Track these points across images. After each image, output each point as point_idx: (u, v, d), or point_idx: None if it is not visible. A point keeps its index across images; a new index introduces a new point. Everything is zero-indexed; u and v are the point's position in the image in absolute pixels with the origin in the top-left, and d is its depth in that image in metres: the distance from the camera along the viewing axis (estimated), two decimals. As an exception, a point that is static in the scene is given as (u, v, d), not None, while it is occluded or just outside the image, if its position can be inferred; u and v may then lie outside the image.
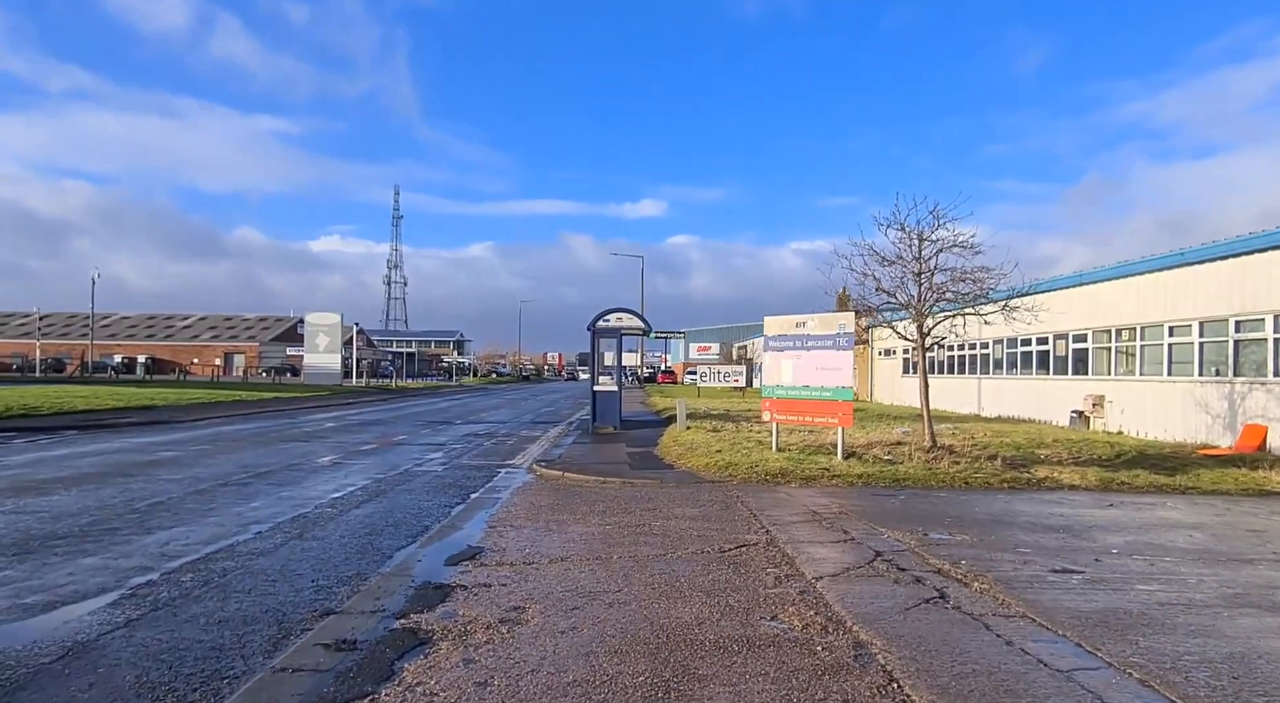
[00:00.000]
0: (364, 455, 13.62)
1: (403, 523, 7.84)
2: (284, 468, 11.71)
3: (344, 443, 15.68)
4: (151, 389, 36.07)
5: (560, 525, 7.63)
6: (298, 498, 9.14)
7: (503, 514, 8.30)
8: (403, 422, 22.32)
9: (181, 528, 7.31)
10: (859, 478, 10.16)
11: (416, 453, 14.18)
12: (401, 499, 9.24)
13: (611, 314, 18.64)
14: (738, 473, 10.56)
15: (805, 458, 11.37)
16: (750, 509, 8.25)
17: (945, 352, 29.17)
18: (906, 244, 13.26)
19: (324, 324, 48.88)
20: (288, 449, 14.31)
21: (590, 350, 18.90)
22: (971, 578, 5.41)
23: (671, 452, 13.34)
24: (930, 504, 8.71)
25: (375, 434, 17.89)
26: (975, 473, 10.41)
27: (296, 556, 6.38)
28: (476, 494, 9.74)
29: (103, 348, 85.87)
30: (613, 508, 8.54)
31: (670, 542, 6.78)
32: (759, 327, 53.78)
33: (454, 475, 11.37)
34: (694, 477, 10.72)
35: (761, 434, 15.54)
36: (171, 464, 11.81)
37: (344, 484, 10.25)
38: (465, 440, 16.79)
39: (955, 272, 12.85)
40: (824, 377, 11.53)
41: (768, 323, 12.51)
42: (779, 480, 10.16)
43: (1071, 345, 20.61)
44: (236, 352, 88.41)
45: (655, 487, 10.08)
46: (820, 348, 11.61)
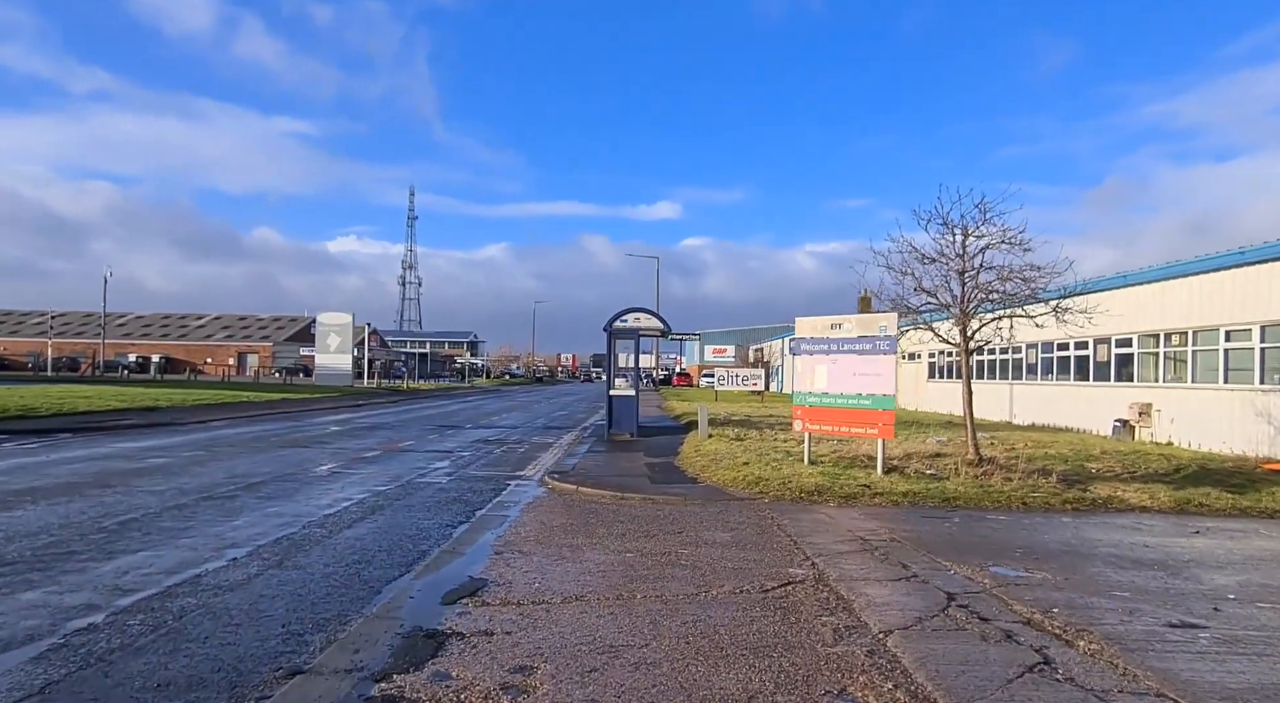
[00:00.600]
0: (365, 464, 12.78)
1: (398, 547, 6.97)
2: (277, 478, 10.88)
3: (346, 449, 14.86)
4: (159, 389, 35.53)
5: (575, 552, 6.73)
6: (286, 515, 8.29)
7: (511, 536, 7.41)
8: (410, 426, 21.51)
9: (148, 553, 6.46)
10: (904, 497, 9.19)
11: (421, 461, 13.33)
12: (400, 517, 8.37)
13: (629, 314, 17.74)
14: (769, 489, 9.62)
15: (841, 473, 10.41)
16: (789, 535, 7.30)
17: (975, 356, 28.07)
18: (949, 240, 12.30)
19: (335, 324, 48.30)
20: (285, 456, 13.50)
21: (607, 352, 18.00)
22: (1074, 634, 4.45)
23: (694, 463, 12.41)
24: (990, 529, 7.73)
25: (380, 440, 17.08)
26: (1032, 492, 9.41)
27: (271, 590, 5.51)
28: (483, 511, 8.85)
29: (117, 347, 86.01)
30: (634, 530, 7.63)
31: (702, 576, 5.86)
32: (775, 329, 52.82)
33: (459, 488, 10.49)
34: (721, 493, 9.79)
35: (789, 444, 14.59)
36: (158, 473, 11.00)
37: (339, 498, 9.39)
38: (474, 448, 15.94)
39: (1002, 270, 11.86)
40: (862, 383, 10.57)
41: (799, 324, 11.56)
42: (815, 499, 9.21)
43: (1114, 350, 19.50)
44: (250, 352, 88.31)
45: (679, 505, 9.15)
46: (858, 352, 10.65)
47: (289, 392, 38.86)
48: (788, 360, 62.90)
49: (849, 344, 10.77)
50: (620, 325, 17.68)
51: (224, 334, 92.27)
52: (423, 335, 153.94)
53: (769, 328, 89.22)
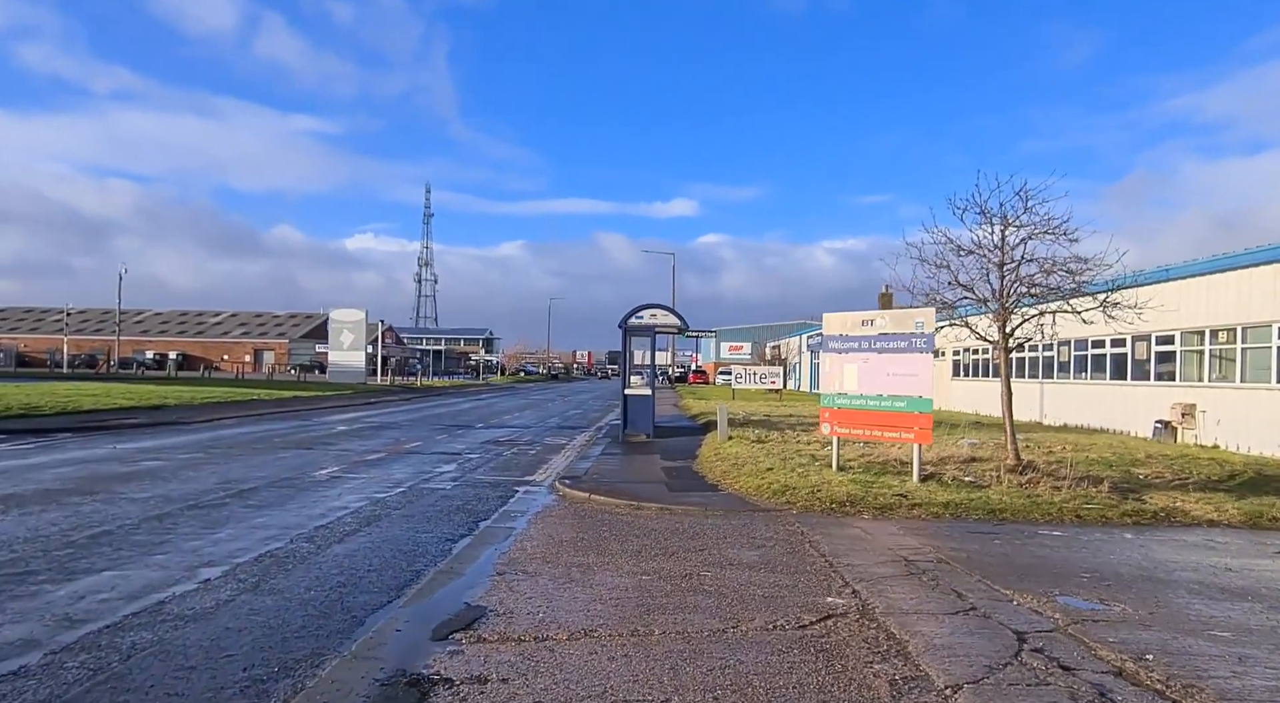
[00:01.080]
0: (368, 467, 12.16)
1: (390, 566, 6.31)
2: (272, 484, 10.27)
3: (350, 451, 14.26)
4: (171, 387, 35.26)
5: (585, 573, 6.04)
6: (274, 527, 7.66)
7: (515, 553, 6.73)
8: (420, 425, 20.93)
9: (113, 573, 5.84)
10: (945, 508, 8.42)
11: (427, 465, 12.69)
12: (397, 529, 7.71)
13: (645, 311, 17.03)
14: (797, 499, 8.88)
15: (874, 480, 9.65)
16: (823, 554, 6.57)
17: (980, 355, 27.11)
18: (988, 230, 11.49)
19: (348, 321, 47.95)
20: (286, 459, 12.92)
21: (621, 349, 17.30)
22: (1182, 692, 3.70)
23: (714, 468, 11.69)
24: (1046, 548, 6.96)
25: (387, 440, 16.48)
26: (1085, 503, 8.62)
27: (239, 621, 4.85)
28: (487, 523, 8.19)
29: (135, 344, 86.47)
30: (651, 547, 6.93)
31: (729, 606, 5.15)
32: (792, 326, 52.03)
33: (464, 495, 9.84)
34: (744, 503, 9.07)
35: (813, 447, 13.83)
36: (147, 478, 10.43)
37: (334, 507, 8.76)
38: (483, 449, 15.30)
39: (1046, 262, 11.04)
40: (897, 384, 9.80)
41: (827, 321, 10.80)
42: (848, 510, 8.46)
43: (1154, 347, 18.56)
44: (266, 349, 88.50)
45: (700, 516, 8.44)
46: (892, 350, 9.89)
47: (301, 389, 38.49)
48: (805, 358, 61.84)
49: (881, 342, 10.01)
50: (636, 322, 16.98)
51: (240, 331, 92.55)
52: (438, 332, 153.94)
53: (786, 325, 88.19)
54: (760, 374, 37.61)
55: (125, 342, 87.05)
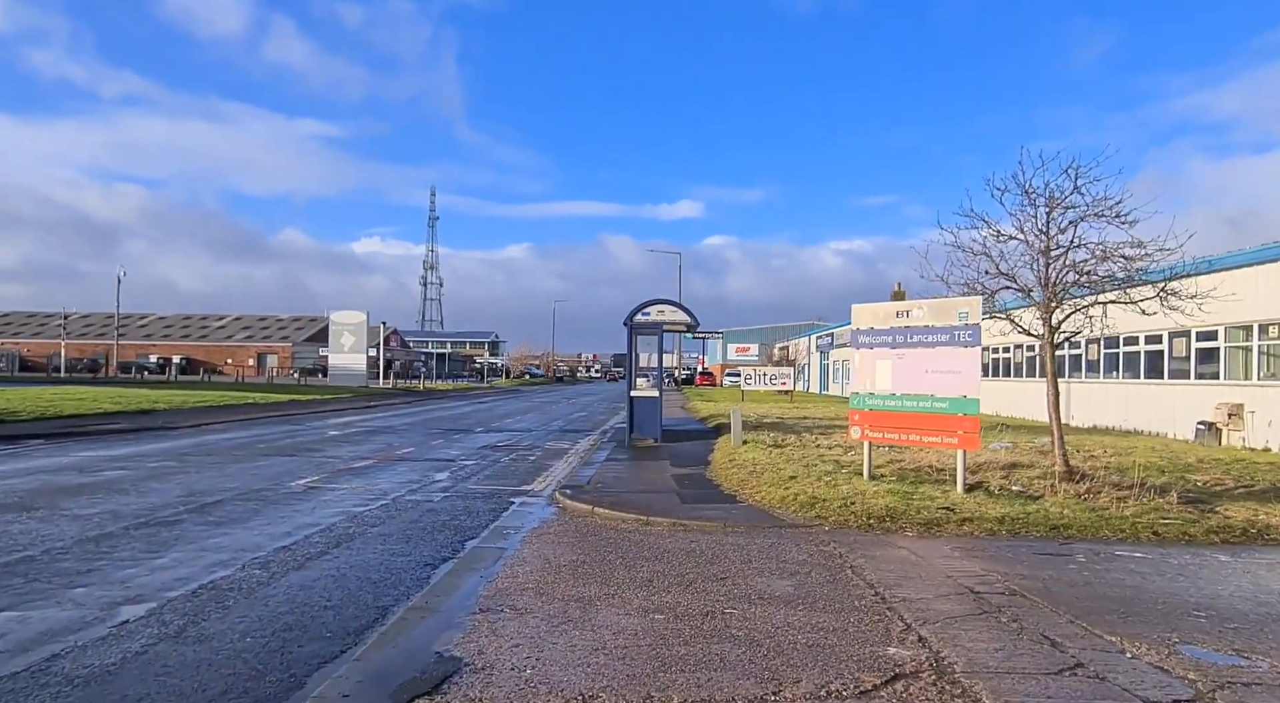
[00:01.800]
0: (352, 476, 11.13)
1: (352, 600, 5.26)
2: (241, 496, 9.25)
3: (336, 458, 13.24)
4: (167, 390, 34.37)
5: (586, 610, 4.98)
6: (228, 549, 6.63)
7: (504, 582, 5.68)
8: (416, 429, 19.91)
9: (10, 615, 4.80)
10: (999, 524, 7.34)
11: (417, 473, 11.66)
12: (369, 552, 6.67)
13: (652, 307, 15.98)
14: (828, 513, 7.80)
15: (912, 491, 8.56)
16: (869, 583, 5.50)
17: (1024, 352, 25.94)
18: (1030, 213, 10.41)
19: (349, 323, 47.02)
20: (264, 467, 11.90)
21: (627, 349, 16.25)
22: None
23: (730, 475, 10.62)
24: (1134, 575, 5.87)
25: (378, 446, 15.45)
26: (1162, 518, 7.50)
27: (143, 685, 3.81)
28: (475, 542, 7.14)
29: (138, 348, 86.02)
30: (663, 574, 5.87)
31: (765, 660, 4.08)
32: (800, 327, 50.84)
33: (453, 509, 8.80)
34: (768, 517, 8.00)
35: (836, 452, 12.75)
36: (102, 490, 9.42)
37: (303, 524, 7.72)
38: (480, 455, 14.26)
39: (1098, 247, 9.94)
40: (937, 382, 8.72)
41: (857, 312, 9.72)
42: (888, 526, 7.38)
43: (1195, 344, 17.40)
44: (269, 352, 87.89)
45: (719, 533, 7.37)
46: (931, 344, 8.81)
47: (299, 393, 37.56)
48: (814, 359, 60.66)
49: (919, 335, 8.93)
50: (642, 319, 15.93)
51: (244, 335, 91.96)
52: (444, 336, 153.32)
53: (794, 326, 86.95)
54: (770, 375, 36.50)
55: (129, 346, 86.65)
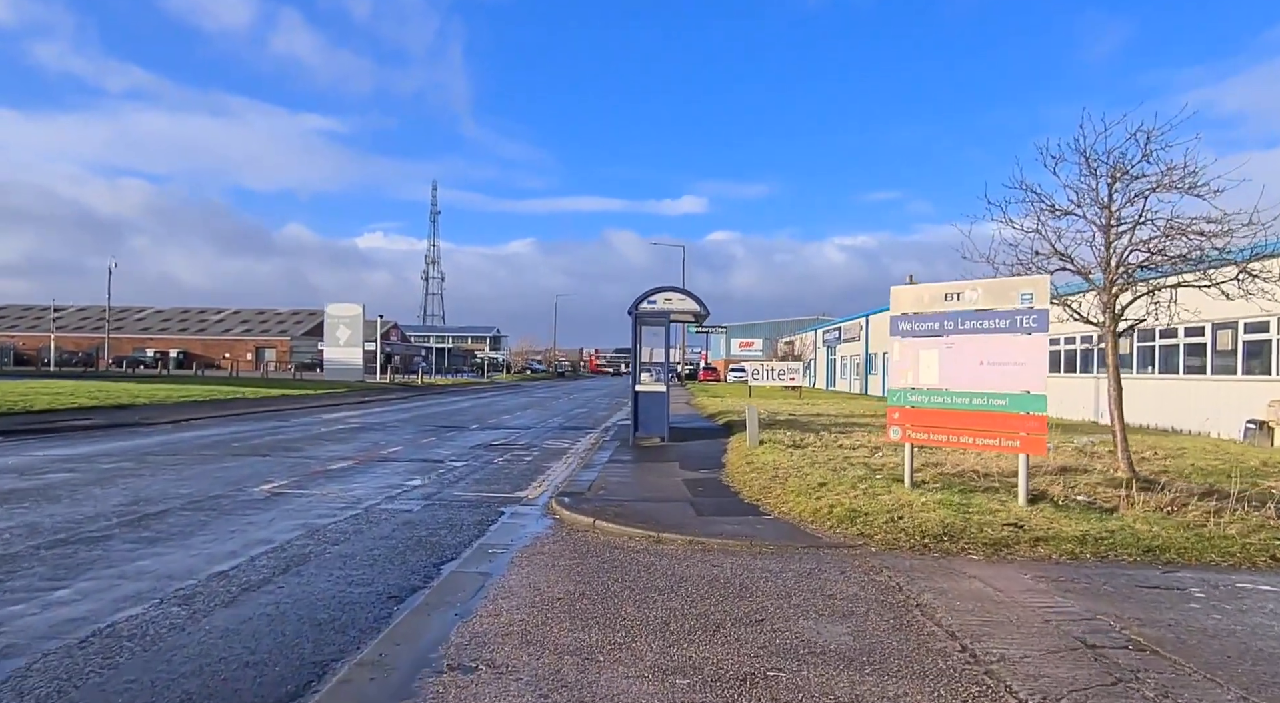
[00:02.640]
0: (326, 480, 9.96)
1: (281, 655, 4.08)
2: (192, 504, 8.08)
3: (313, 458, 12.06)
4: (155, 385, 33.25)
5: (584, 669, 3.80)
6: (152, 575, 5.46)
7: (483, 623, 4.51)
8: (408, 426, 18.73)
9: None
10: (1079, 544, 6.13)
11: (399, 476, 10.48)
12: (323, 580, 5.49)
13: (659, 295, 14.77)
14: (873, 530, 6.60)
15: (966, 502, 7.36)
16: (949, 630, 4.31)
17: (1062, 344, 24.70)
18: (1090, 185, 9.20)
19: (345, 316, 45.82)
20: (231, 469, 10.73)
21: (632, 340, 15.05)
22: None
23: (749, 481, 9.42)
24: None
25: (363, 445, 14.28)
26: (1275, 537, 6.30)
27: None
28: (453, 565, 5.97)
29: (135, 342, 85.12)
30: (683, 613, 4.68)
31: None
32: (804, 322, 49.44)
33: (433, 521, 7.61)
34: (800, 533, 6.80)
35: (862, 453, 11.56)
36: (30, 497, 8.24)
37: (253, 541, 6.55)
38: (472, 455, 13.08)
39: (1171, 222, 8.73)
40: (994, 376, 7.52)
41: (896, 296, 8.51)
42: (947, 547, 6.18)
43: (1243, 336, 16.17)
44: (268, 346, 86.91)
45: (745, 555, 6.18)
46: (988, 331, 7.60)
47: (293, 387, 36.40)
48: (821, 354, 59.39)
49: (973, 320, 7.72)
50: (648, 307, 14.73)
51: (242, 329, 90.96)
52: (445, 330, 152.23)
53: (798, 321, 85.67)
54: (778, 370, 35.29)
55: (125, 340, 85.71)
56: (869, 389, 45.19)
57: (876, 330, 44.57)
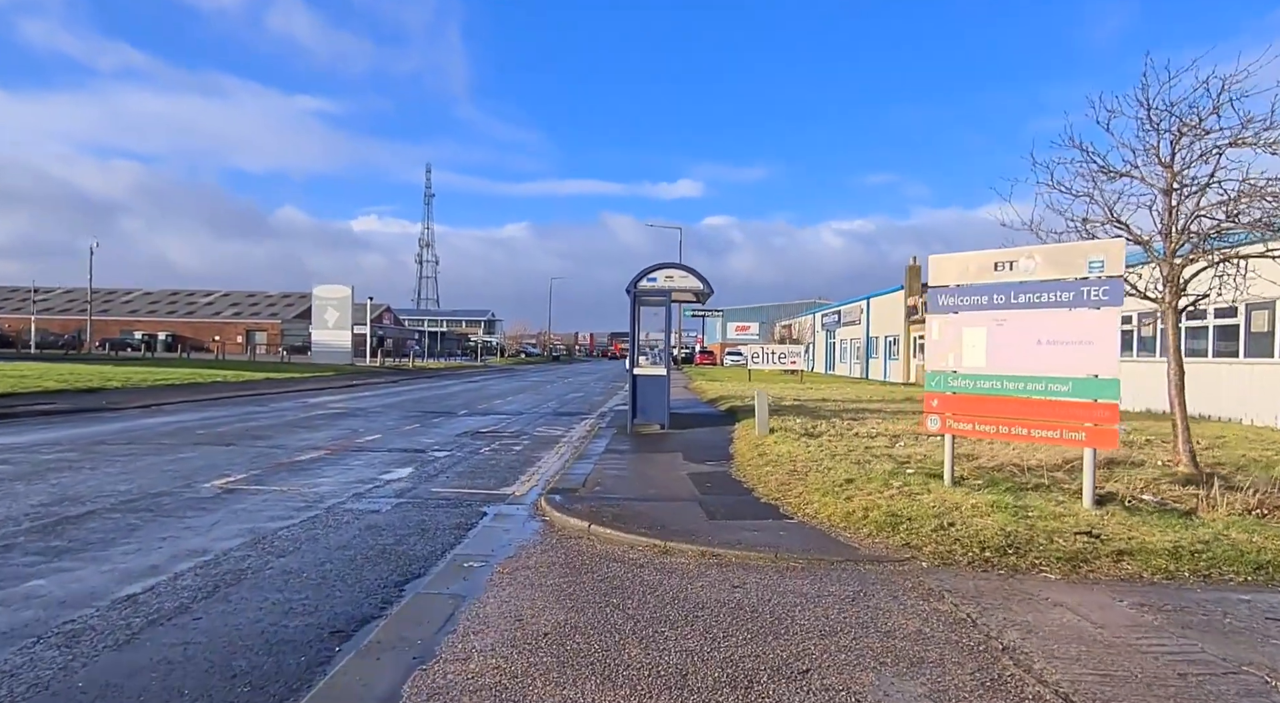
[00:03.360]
0: (290, 474, 8.90)
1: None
2: (126, 504, 7.01)
3: (282, 448, 10.99)
4: (135, 367, 32.06)
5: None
6: (42, 600, 4.40)
7: (443, 675, 3.47)
8: (392, 412, 17.65)
9: None
10: (1171, 559, 5.10)
11: (373, 469, 9.43)
12: (253, 607, 4.43)
13: (659, 272, 13.67)
14: (920, 539, 5.57)
15: (1021, 504, 6.32)
16: (1062, 694, 3.28)
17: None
18: (1150, 141, 8.11)
19: (333, 298, 44.56)
20: (187, 460, 9.65)
21: (630, 320, 13.95)
22: None
23: (764, 476, 8.38)
24: None
25: (340, 433, 13.20)
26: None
27: None
28: (420, 584, 4.92)
29: (123, 324, 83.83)
30: (703, 657, 3.65)
31: None
32: (800, 306, 48.15)
33: (403, 525, 6.56)
34: (833, 542, 5.77)
35: (882, 442, 10.55)
36: (-58, 496, 7.17)
37: (184, 552, 5.49)
38: (457, 444, 12.02)
39: (1249, 182, 7.66)
40: (1054, 357, 6.47)
41: (936, 265, 7.43)
42: (1014, 562, 5.15)
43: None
44: (258, 329, 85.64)
45: (771, 571, 5.15)
46: (1048, 304, 6.54)
47: (279, 371, 35.26)
48: (820, 338, 58.33)
49: (1030, 293, 6.65)
50: (648, 285, 13.63)
51: (232, 311, 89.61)
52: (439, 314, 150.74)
53: (795, 304, 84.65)
54: (779, 354, 34.23)
55: (113, 322, 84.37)
56: (870, 373, 44.21)
57: (878, 313, 43.50)
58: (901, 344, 38.95)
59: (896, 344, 39.98)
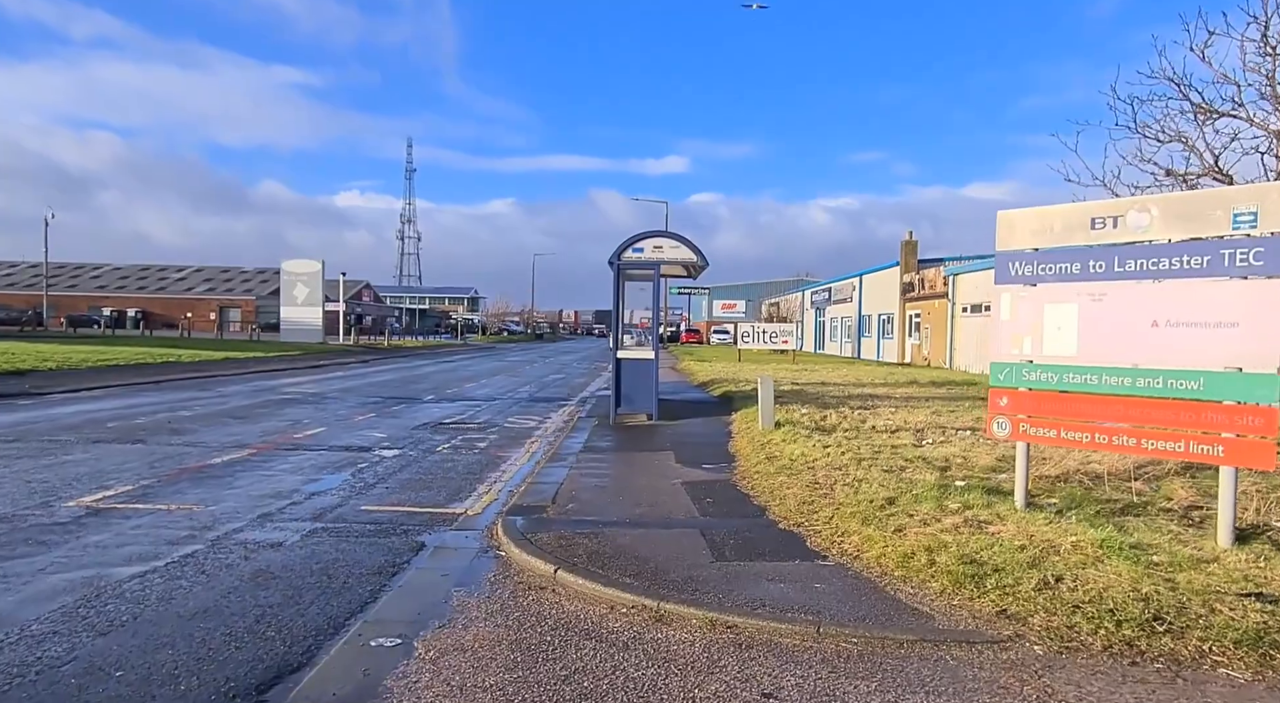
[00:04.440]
0: (190, 484, 7.17)
1: None
2: (-63, 538, 5.27)
3: (196, 447, 9.22)
4: (84, 346, 29.92)
5: None
6: None
7: None
8: (350, 397, 15.88)
9: None
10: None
11: (298, 476, 7.71)
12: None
13: (647, 240, 11.93)
14: (1020, 605, 3.93)
15: (1133, 541, 4.71)
16: None
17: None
18: (1265, 68, 6.46)
19: (303, 273, 42.38)
20: (65, 466, 7.88)
21: (614, 296, 12.18)
22: None
23: (779, 489, 6.72)
24: None
25: (276, 425, 11.44)
26: None
27: None
28: (302, 679, 3.24)
29: (90, 300, 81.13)
30: None
31: None
32: (787, 283, 46.13)
33: (304, 568, 4.86)
34: (891, 603, 4.13)
35: (906, 440, 8.97)
36: None
37: (-45, 630, 3.78)
38: (412, 440, 10.31)
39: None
40: (1181, 343, 4.83)
41: (1006, 223, 5.72)
42: (1169, 646, 3.54)
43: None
44: (232, 306, 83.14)
45: (812, 660, 3.50)
46: (1170, 273, 4.89)
47: (242, 349, 33.17)
48: (809, 316, 56.77)
49: (1143, 257, 5.00)
50: (634, 257, 11.90)
51: (205, 287, 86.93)
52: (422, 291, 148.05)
53: (781, 282, 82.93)
54: (770, 333, 32.60)
55: (81, 298, 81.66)
56: (862, 353, 42.78)
57: (872, 291, 41.96)
58: (896, 323, 37.48)
59: (891, 323, 38.51)
